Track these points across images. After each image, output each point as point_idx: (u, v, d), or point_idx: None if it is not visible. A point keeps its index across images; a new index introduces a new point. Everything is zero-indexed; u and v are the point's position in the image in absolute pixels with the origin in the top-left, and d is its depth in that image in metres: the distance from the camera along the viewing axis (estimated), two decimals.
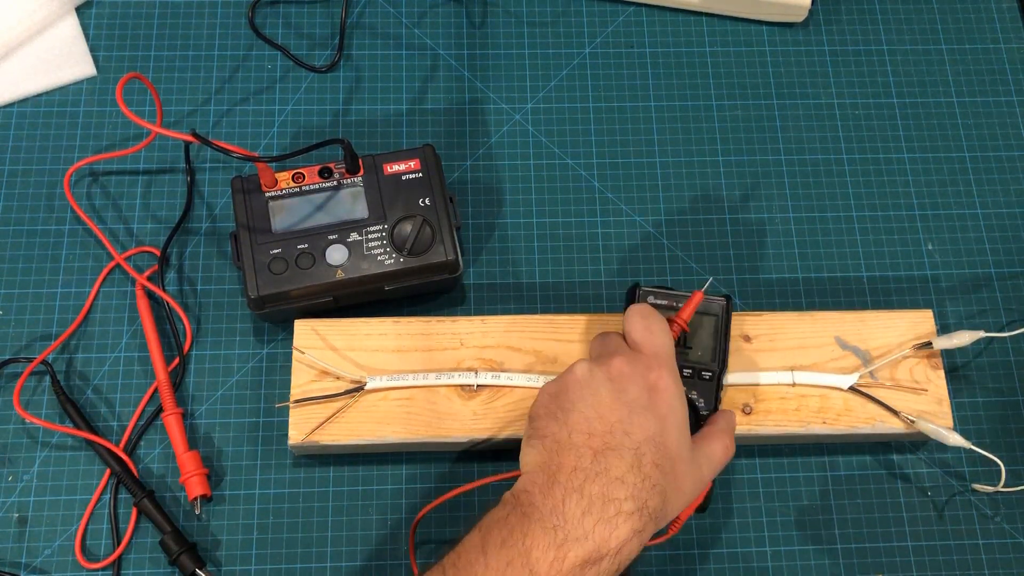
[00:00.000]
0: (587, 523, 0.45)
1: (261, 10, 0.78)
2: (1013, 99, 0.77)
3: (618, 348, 0.53)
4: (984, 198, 0.74)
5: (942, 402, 0.63)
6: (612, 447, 0.47)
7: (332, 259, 0.63)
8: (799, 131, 0.76)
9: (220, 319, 0.68)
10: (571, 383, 0.51)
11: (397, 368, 0.63)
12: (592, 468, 0.47)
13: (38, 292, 0.68)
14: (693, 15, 0.79)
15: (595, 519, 0.45)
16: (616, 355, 0.52)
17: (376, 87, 0.76)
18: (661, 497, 0.48)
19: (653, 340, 0.53)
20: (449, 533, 0.63)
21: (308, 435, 0.61)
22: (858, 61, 0.78)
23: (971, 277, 0.72)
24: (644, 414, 0.49)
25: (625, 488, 0.46)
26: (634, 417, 0.49)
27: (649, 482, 0.47)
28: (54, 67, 0.74)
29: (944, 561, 0.64)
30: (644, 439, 0.48)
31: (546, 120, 0.75)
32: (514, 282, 0.70)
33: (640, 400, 0.50)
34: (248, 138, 0.73)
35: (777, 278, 0.71)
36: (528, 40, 0.78)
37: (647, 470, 0.47)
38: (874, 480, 0.66)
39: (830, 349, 0.64)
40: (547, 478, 0.47)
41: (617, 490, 0.46)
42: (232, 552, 0.62)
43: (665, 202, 0.73)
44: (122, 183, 0.72)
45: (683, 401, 0.52)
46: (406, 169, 0.66)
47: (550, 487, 0.47)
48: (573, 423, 0.49)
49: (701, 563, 0.63)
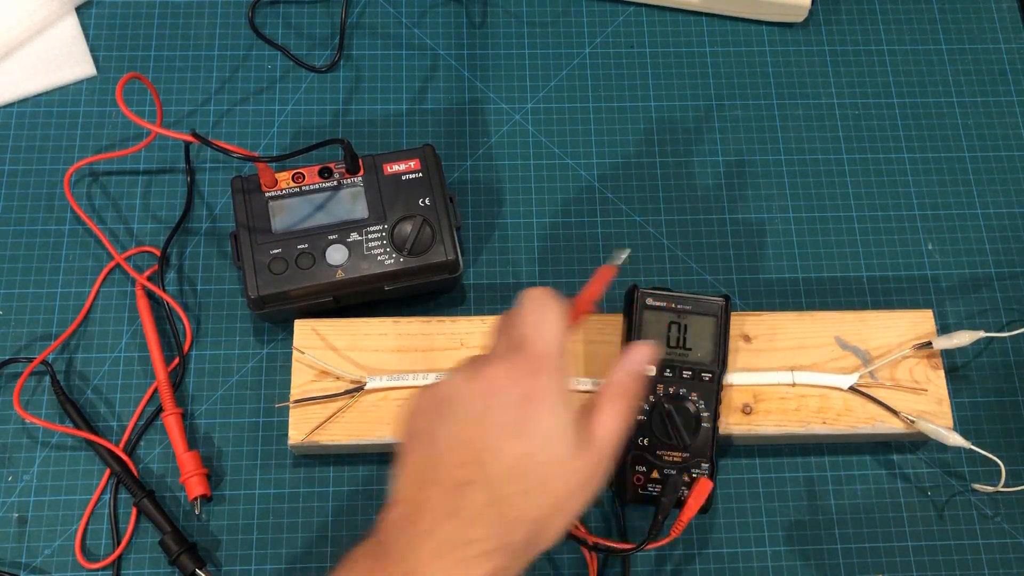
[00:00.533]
0: (438, 567, 0.42)
1: (261, 10, 0.78)
2: (1013, 99, 0.77)
3: (499, 349, 0.48)
4: (984, 198, 0.74)
5: (942, 402, 0.63)
6: (473, 480, 0.44)
7: (332, 259, 0.63)
8: (799, 131, 0.76)
9: (220, 319, 0.68)
10: (442, 401, 0.47)
11: (397, 368, 0.63)
12: (451, 505, 0.44)
13: (38, 292, 0.68)
14: (693, 15, 0.79)
15: (450, 562, 0.42)
16: (493, 361, 0.47)
17: (376, 87, 0.76)
18: (533, 526, 0.44)
19: (542, 336, 0.47)
20: None
21: (308, 435, 0.61)
22: (858, 61, 0.78)
23: (971, 277, 0.72)
24: (512, 437, 0.44)
25: (484, 527, 0.43)
26: (501, 442, 0.44)
27: (513, 513, 0.44)
28: (54, 67, 0.74)
29: (944, 561, 0.64)
30: (510, 465, 0.44)
31: (546, 120, 0.75)
32: (514, 282, 0.70)
33: (509, 418, 0.45)
34: (248, 138, 0.73)
35: (777, 278, 0.71)
36: (528, 40, 0.78)
37: (513, 501, 0.44)
38: (874, 480, 0.66)
39: (830, 349, 0.64)
40: (407, 515, 0.45)
41: (475, 529, 0.43)
42: (232, 552, 0.62)
43: (665, 202, 0.73)
44: (122, 183, 0.72)
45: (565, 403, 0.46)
46: (406, 169, 0.66)
47: (408, 525, 0.44)
48: (441, 450, 0.45)
49: (701, 563, 0.63)
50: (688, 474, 0.59)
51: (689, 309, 0.61)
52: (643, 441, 0.59)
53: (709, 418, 0.59)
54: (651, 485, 0.59)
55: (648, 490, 0.59)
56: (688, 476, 0.59)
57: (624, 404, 0.49)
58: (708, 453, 0.59)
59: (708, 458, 0.59)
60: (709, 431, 0.59)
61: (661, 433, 0.59)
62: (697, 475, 0.59)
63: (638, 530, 0.64)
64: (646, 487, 0.59)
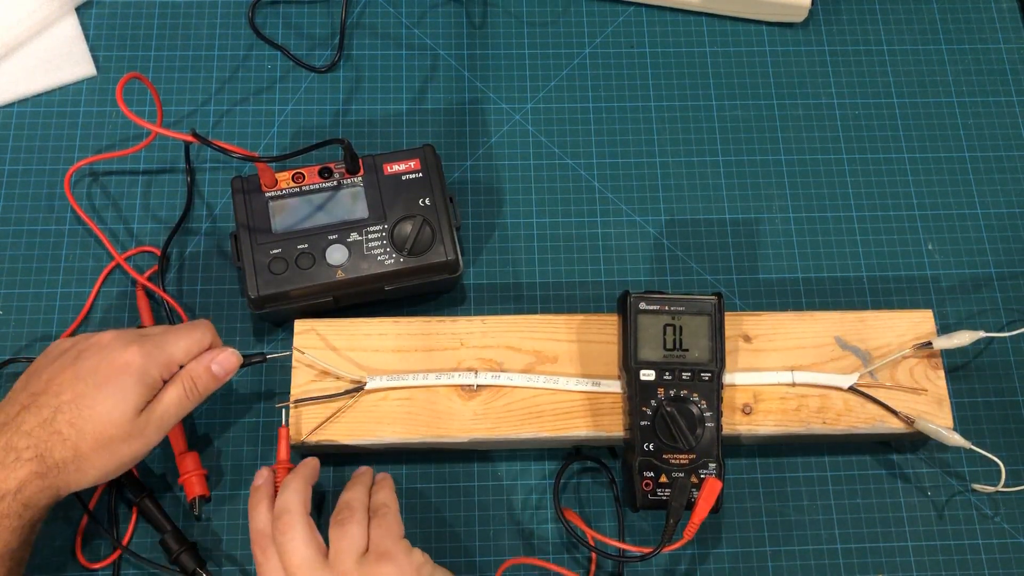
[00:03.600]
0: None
1: (261, 10, 0.78)
2: (1013, 99, 0.77)
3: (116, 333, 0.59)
4: (984, 198, 0.74)
5: (942, 402, 0.63)
6: (36, 405, 0.54)
7: (332, 259, 0.63)
8: (799, 131, 0.76)
9: (220, 319, 0.68)
10: (61, 350, 0.57)
11: (397, 368, 0.63)
12: (9, 421, 0.54)
13: (38, 292, 0.68)
14: (693, 15, 0.79)
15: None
16: (110, 331, 0.58)
17: (376, 87, 0.76)
18: (71, 452, 0.53)
19: (159, 331, 0.59)
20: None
21: (308, 435, 0.61)
22: (858, 61, 0.78)
23: (971, 277, 0.72)
24: (84, 382, 0.54)
25: (29, 439, 0.53)
26: (75, 382, 0.54)
27: (58, 437, 0.53)
28: (54, 67, 0.74)
29: (944, 561, 0.64)
30: (70, 400, 0.54)
31: (546, 120, 0.75)
32: (514, 282, 0.70)
33: (98, 369, 0.55)
34: (248, 138, 0.73)
35: (777, 278, 0.71)
36: (528, 40, 0.78)
37: (60, 427, 0.53)
38: (874, 480, 0.66)
39: (830, 349, 0.64)
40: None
41: (21, 440, 0.53)
42: (232, 552, 0.62)
43: (665, 202, 0.73)
44: (122, 183, 0.72)
45: (146, 382, 0.55)
46: (406, 169, 0.66)
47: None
48: (31, 382, 0.56)
49: (701, 563, 0.63)
50: (696, 475, 0.59)
51: (682, 310, 0.61)
52: (649, 446, 0.59)
53: (712, 417, 0.59)
54: (660, 490, 0.59)
55: (658, 495, 0.59)
56: (696, 477, 0.59)
57: (191, 393, 0.57)
58: (714, 452, 0.59)
59: (715, 457, 0.59)
60: (713, 430, 0.59)
61: (666, 437, 0.59)
62: (705, 476, 0.59)
63: (637, 530, 0.64)
64: (655, 492, 0.59)
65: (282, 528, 0.54)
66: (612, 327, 0.64)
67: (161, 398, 0.56)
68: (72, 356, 0.56)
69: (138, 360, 0.55)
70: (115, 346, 0.56)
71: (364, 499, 0.57)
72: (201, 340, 0.59)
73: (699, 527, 0.57)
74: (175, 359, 0.57)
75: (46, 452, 0.53)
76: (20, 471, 0.52)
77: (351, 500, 0.57)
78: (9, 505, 0.52)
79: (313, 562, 0.53)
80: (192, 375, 0.58)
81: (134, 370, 0.55)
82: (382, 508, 0.57)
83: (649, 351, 0.60)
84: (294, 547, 0.53)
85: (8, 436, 0.53)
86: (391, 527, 0.55)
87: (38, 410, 0.54)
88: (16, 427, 0.53)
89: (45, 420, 0.53)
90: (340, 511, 0.56)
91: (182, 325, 0.59)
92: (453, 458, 0.65)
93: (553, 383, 0.62)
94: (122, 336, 0.57)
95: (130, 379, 0.55)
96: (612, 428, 0.62)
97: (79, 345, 0.57)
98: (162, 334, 0.58)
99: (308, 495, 0.56)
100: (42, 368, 0.56)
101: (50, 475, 0.53)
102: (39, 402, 0.54)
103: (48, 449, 0.53)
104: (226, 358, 0.59)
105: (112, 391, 0.54)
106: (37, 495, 0.53)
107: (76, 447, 0.53)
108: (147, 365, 0.55)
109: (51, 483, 0.53)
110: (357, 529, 0.54)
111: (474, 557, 0.63)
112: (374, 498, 0.58)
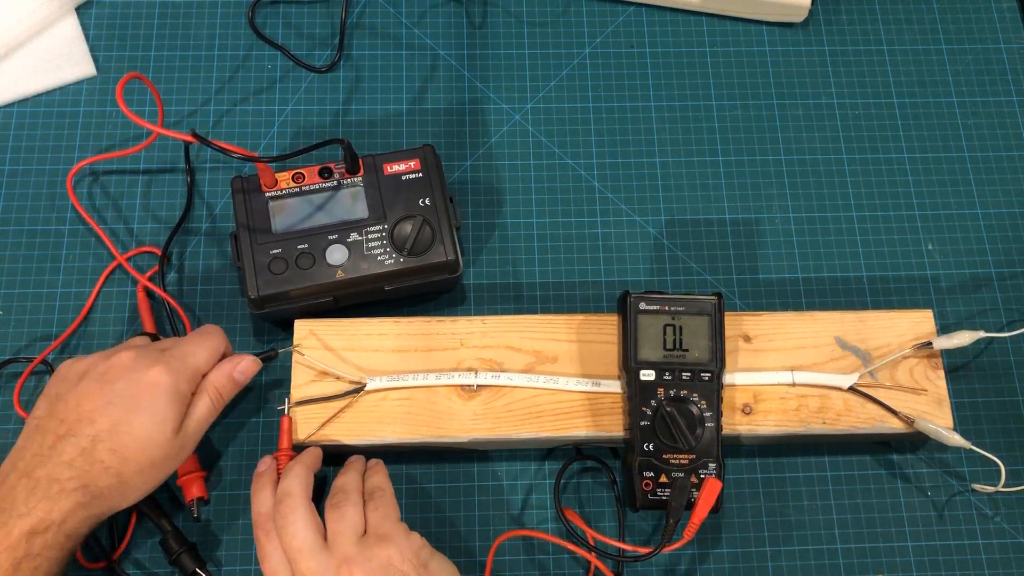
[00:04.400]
0: (32, 502, 0.52)
1: (261, 10, 0.78)
2: (1013, 99, 0.77)
3: (134, 346, 0.59)
4: (984, 198, 0.74)
5: (942, 402, 0.63)
6: (73, 434, 0.54)
7: (332, 259, 0.63)
8: (799, 131, 0.76)
9: (220, 319, 0.68)
10: (79, 372, 0.57)
11: (397, 368, 0.63)
12: (49, 452, 0.53)
13: (38, 292, 0.68)
14: (693, 15, 0.79)
15: (41, 497, 0.52)
16: (124, 349, 0.58)
17: (376, 87, 0.76)
18: (115, 479, 0.54)
19: (180, 343, 0.59)
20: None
21: (309, 436, 0.61)
22: (858, 61, 0.78)
23: (971, 277, 0.72)
24: (119, 407, 0.54)
25: (72, 471, 0.53)
26: (109, 408, 0.54)
27: (100, 465, 0.53)
28: (54, 67, 0.74)
29: (944, 561, 0.64)
30: (109, 428, 0.54)
31: (546, 120, 0.75)
32: (514, 282, 0.70)
33: (128, 392, 0.55)
34: (248, 138, 0.73)
35: (777, 278, 0.71)
36: (528, 40, 0.78)
37: (102, 455, 0.53)
38: (874, 480, 0.66)
39: (830, 349, 0.64)
40: (11, 465, 0.54)
41: (64, 471, 0.53)
42: (232, 552, 0.62)
43: (665, 202, 0.73)
44: (122, 183, 0.72)
45: (176, 395, 0.56)
46: (406, 169, 0.66)
47: (8, 475, 0.53)
48: (58, 408, 0.55)
49: (701, 563, 0.63)
50: (696, 475, 0.59)
51: (682, 310, 0.61)
52: (649, 446, 0.59)
53: (712, 417, 0.59)
54: (660, 490, 0.59)
55: (658, 495, 0.59)
56: (696, 477, 0.59)
57: (217, 403, 0.59)
58: (714, 452, 0.59)
59: (715, 457, 0.59)
60: (713, 430, 0.59)
61: (666, 437, 0.59)
62: (705, 475, 0.59)
63: (637, 530, 0.64)
64: (655, 492, 0.59)
65: (284, 511, 0.55)
66: (612, 327, 0.64)
67: (192, 413, 0.57)
68: (96, 379, 0.56)
69: (166, 378, 0.55)
70: (139, 366, 0.56)
71: (358, 483, 0.58)
72: (218, 347, 0.60)
73: (699, 527, 0.57)
74: (200, 371, 0.58)
75: (90, 482, 0.53)
76: (64, 502, 0.52)
77: (345, 484, 0.57)
78: (54, 536, 0.52)
79: (314, 544, 0.53)
80: (216, 385, 0.59)
81: (165, 389, 0.55)
82: (377, 491, 0.57)
83: (649, 351, 0.60)
84: (295, 530, 0.54)
85: (50, 467, 0.53)
86: (388, 509, 0.56)
87: (75, 439, 0.53)
88: (56, 457, 0.53)
89: (85, 450, 0.53)
90: (334, 495, 0.56)
91: (195, 334, 0.60)
92: (453, 458, 0.65)
93: (553, 383, 0.62)
94: (143, 354, 0.57)
95: (163, 399, 0.55)
96: (612, 428, 0.62)
97: (98, 367, 0.56)
98: (180, 346, 0.58)
99: (310, 481, 0.57)
100: (65, 393, 0.56)
101: (93, 504, 0.54)
102: (75, 430, 0.54)
103: (92, 479, 0.53)
104: (247, 365, 0.60)
105: (149, 414, 0.55)
106: (80, 525, 0.53)
107: (119, 474, 0.54)
108: (176, 382, 0.56)
109: (94, 511, 0.54)
110: (353, 511, 0.55)
111: (474, 557, 0.63)
112: (368, 482, 0.58)
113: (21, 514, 0.52)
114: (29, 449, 0.54)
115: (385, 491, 0.57)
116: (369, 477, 0.59)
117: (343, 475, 0.58)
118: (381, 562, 0.53)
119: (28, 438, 0.55)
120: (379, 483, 0.58)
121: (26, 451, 0.54)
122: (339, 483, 0.57)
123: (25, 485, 0.52)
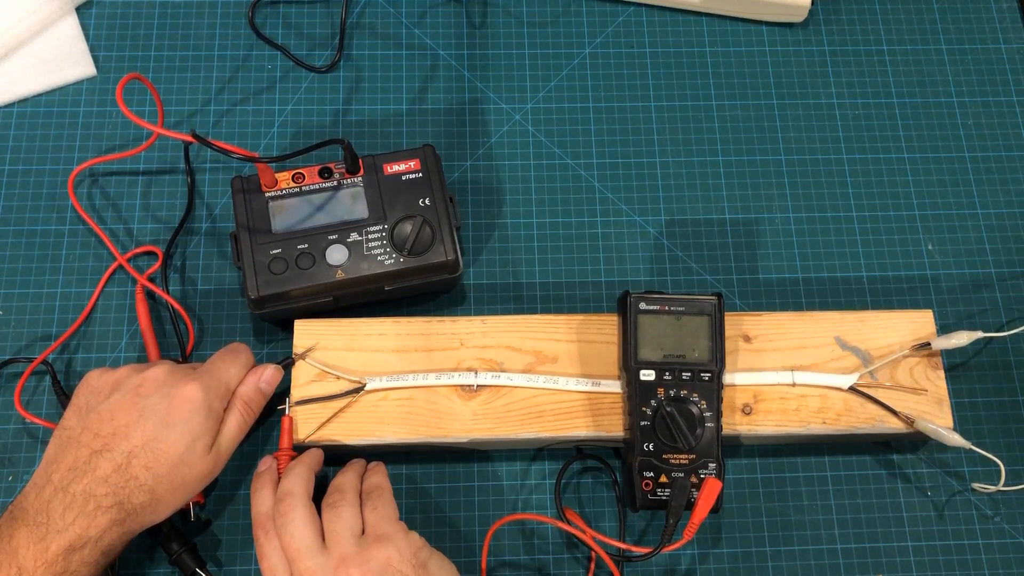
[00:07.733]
0: (68, 517, 0.52)
1: (261, 10, 0.78)
2: (1013, 99, 0.77)
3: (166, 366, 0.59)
4: (984, 198, 0.74)
5: (942, 402, 0.63)
6: (109, 449, 0.53)
7: (332, 259, 0.63)
8: (799, 131, 0.76)
9: (220, 319, 0.68)
10: (110, 383, 0.57)
11: (397, 368, 0.63)
12: (84, 466, 0.53)
13: (39, 292, 0.68)
14: (693, 15, 0.79)
15: (77, 513, 0.52)
16: (157, 365, 0.58)
17: (376, 87, 0.76)
18: (150, 496, 0.54)
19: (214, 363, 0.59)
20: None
21: (309, 436, 0.61)
22: (858, 61, 0.78)
23: (971, 277, 0.72)
24: (153, 423, 0.54)
25: (108, 487, 0.53)
26: (143, 424, 0.54)
27: (135, 482, 0.53)
28: (54, 67, 0.74)
29: (944, 561, 0.64)
30: (143, 444, 0.54)
31: (546, 120, 0.75)
32: (514, 282, 0.70)
33: (160, 408, 0.55)
34: (248, 138, 0.73)
35: (777, 278, 0.71)
36: (528, 40, 0.78)
37: (137, 472, 0.53)
38: (874, 480, 0.66)
39: (830, 349, 0.64)
40: (45, 478, 0.53)
41: (100, 487, 0.53)
42: (232, 552, 0.62)
43: (665, 202, 0.73)
44: (122, 183, 0.72)
45: (209, 411, 0.56)
46: (406, 169, 0.66)
47: (43, 488, 0.53)
48: (90, 421, 0.55)
49: (701, 563, 0.63)
50: (696, 475, 0.59)
51: (683, 310, 0.61)
52: (649, 447, 0.59)
53: (712, 417, 0.59)
54: (660, 490, 0.59)
55: (658, 495, 0.59)
56: (696, 477, 0.59)
57: (247, 416, 0.59)
58: (714, 452, 0.59)
59: (715, 457, 0.59)
60: (713, 430, 0.59)
61: (666, 437, 0.59)
62: (705, 475, 0.59)
63: (637, 530, 0.64)
64: (655, 492, 0.59)
65: (283, 511, 0.55)
66: (612, 327, 0.64)
67: (223, 429, 0.57)
68: (129, 392, 0.55)
69: (200, 395, 0.56)
70: (173, 381, 0.56)
71: (355, 483, 0.58)
72: (247, 364, 0.60)
73: (699, 527, 0.57)
74: (231, 388, 0.59)
75: (125, 499, 0.53)
76: (101, 519, 0.52)
77: (341, 483, 0.57)
78: (90, 553, 0.52)
79: (312, 544, 0.53)
80: (245, 399, 0.59)
81: (199, 406, 0.55)
82: (375, 491, 0.57)
83: (649, 351, 0.60)
84: (294, 529, 0.54)
85: (86, 483, 0.53)
86: (386, 509, 0.56)
87: (110, 455, 0.53)
88: (92, 472, 0.53)
89: (120, 466, 0.53)
90: (331, 494, 0.56)
91: (225, 351, 0.60)
92: (453, 458, 0.65)
93: (553, 383, 0.63)
94: (176, 370, 0.57)
95: (198, 416, 0.55)
96: (612, 428, 0.62)
97: (131, 380, 0.56)
98: (212, 364, 0.59)
99: (311, 481, 0.57)
100: (96, 405, 0.56)
101: (127, 521, 0.53)
102: (110, 445, 0.54)
103: (127, 496, 0.53)
104: (271, 375, 0.61)
105: (183, 431, 0.55)
106: (115, 542, 0.53)
107: (152, 491, 0.54)
108: (209, 399, 0.56)
109: (128, 528, 0.54)
110: (349, 510, 0.55)
111: (474, 557, 0.63)
112: (367, 482, 0.58)
113: (59, 530, 0.51)
114: (64, 462, 0.54)
115: (384, 491, 0.57)
116: (368, 477, 0.59)
117: (341, 475, 0.59)
118: (380, 562, 0.53)
119: (61, 450, 0.54)
120: (378, 483, 0.58)
121: (61, 464, 0.54)
122: (336, 483, 0.58)
123: (61, 500, 0.52)
